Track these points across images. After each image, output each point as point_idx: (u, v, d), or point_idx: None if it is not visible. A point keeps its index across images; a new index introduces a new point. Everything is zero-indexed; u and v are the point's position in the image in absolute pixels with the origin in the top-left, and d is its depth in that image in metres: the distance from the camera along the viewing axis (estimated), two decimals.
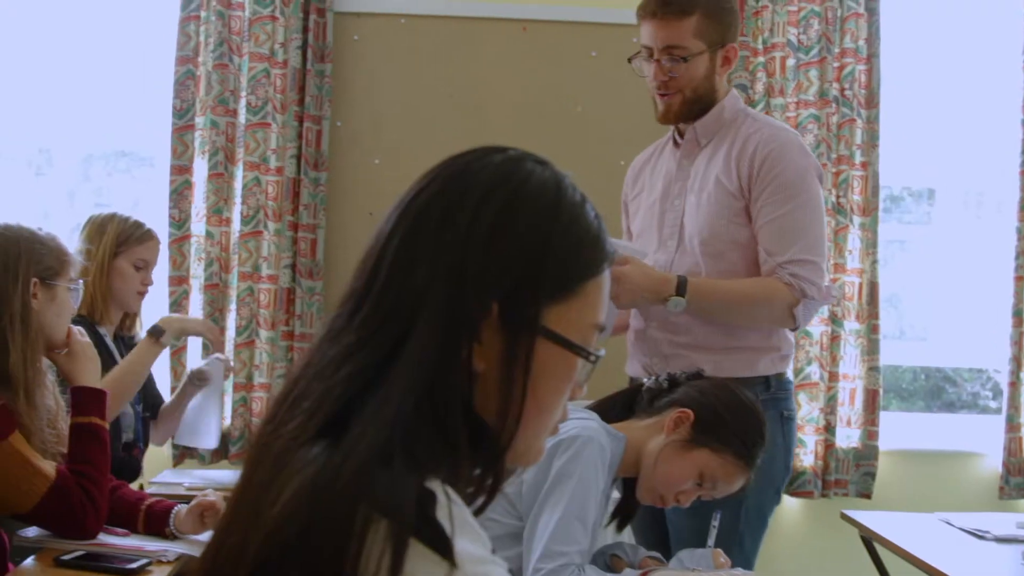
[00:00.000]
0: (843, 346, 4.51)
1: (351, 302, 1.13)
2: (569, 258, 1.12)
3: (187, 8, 4.43)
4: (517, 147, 1.19)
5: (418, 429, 1.04)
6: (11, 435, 2.45)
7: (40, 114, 4.78)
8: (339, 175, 4.51)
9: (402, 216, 1.13)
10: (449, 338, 1.07)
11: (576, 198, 1.15)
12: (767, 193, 2.76)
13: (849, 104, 4.50)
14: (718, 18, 2.81)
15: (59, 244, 2.67)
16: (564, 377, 1.13)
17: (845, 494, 4.53)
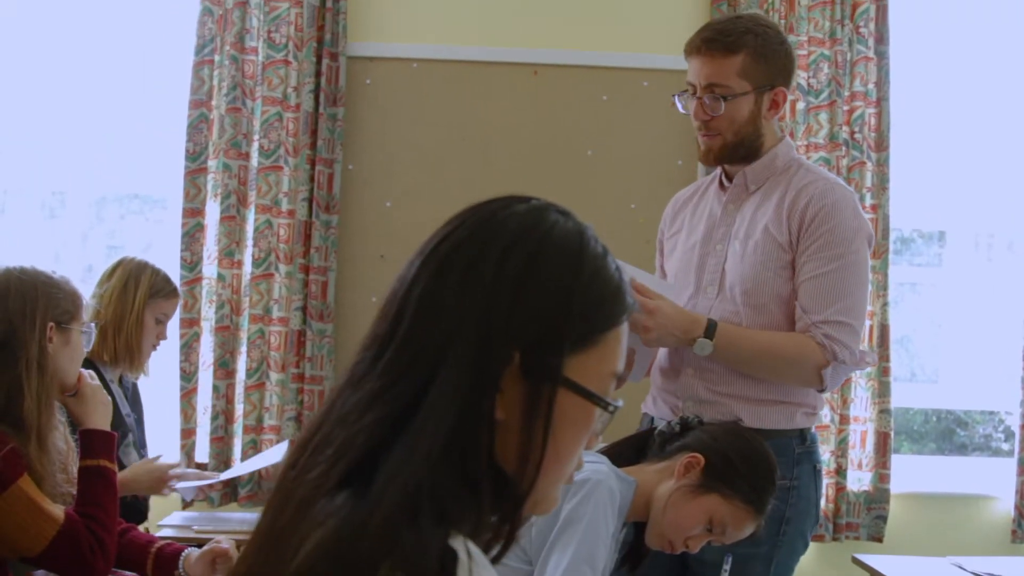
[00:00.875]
0: (854, 388, 4.50)
1: (374, 347, 1.13)
2: (591, 310, 1.12)
3: (201, 52, 4.47)
4: (537, 195, 1.20)
5: (443, 480, 1.04)
6: (19, 479, 2.45)
7: (54, 157, 4.81)
8: (350, 218, 4.53)
9: (425, 262, 1.13)
10: (473, 388, 1.07)
11: (599, 250, 1.15)
12: (814, 248, 2.66)
13: (859, 147, 4.51)
14: (767, 59, 2.71)
15: (73, 287, 2.67)
16: (582, 426, 1.14)
17: (856, 537, 4.50)
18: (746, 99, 2.70)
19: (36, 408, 2.50)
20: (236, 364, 4.46)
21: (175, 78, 4.63)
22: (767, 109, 2.75)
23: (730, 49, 2.68)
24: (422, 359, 1.08)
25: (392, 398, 1.08)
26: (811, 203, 2.68)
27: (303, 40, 4.46)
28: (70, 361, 2.62)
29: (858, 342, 2.70)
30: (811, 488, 2.77)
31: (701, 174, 4.50)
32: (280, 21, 4.48)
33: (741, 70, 2.69)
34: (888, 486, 4.50)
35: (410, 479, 1.02)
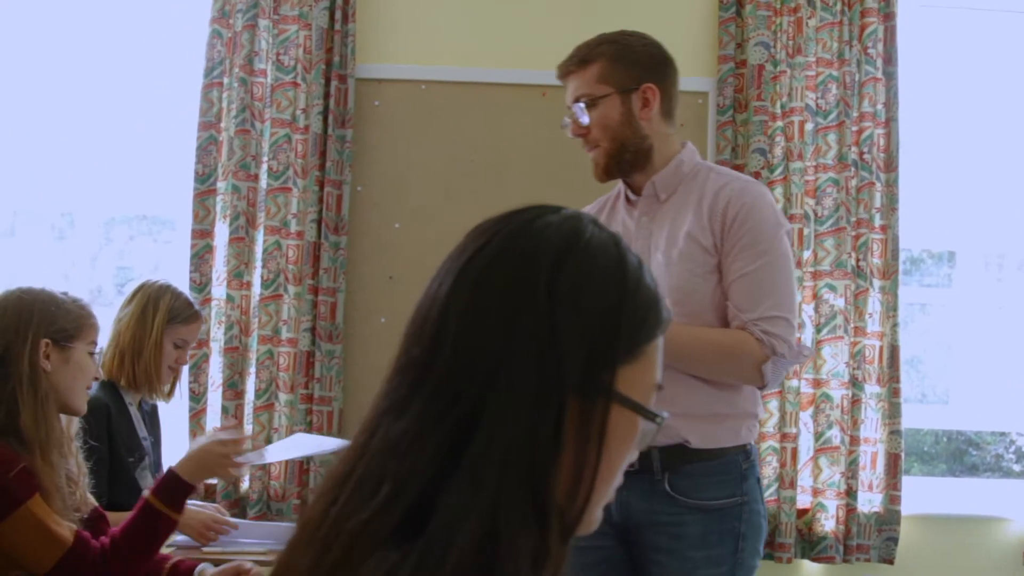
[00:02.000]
0: (864, 409, 4.48)
1: (412, 371, 1.08)
2: (638, 321, 1.10)
3: (210, 75, 4.48)
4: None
5: (514, 515, 1.00)
6: (30, 500, 2.45)
7: (63, 178, 4.83)
8: (359, 239, 4.53)
9: (459, 279, 1.09)
10: (535, 411, 1.03)
11: (635, 260, 1.13)
12: (739, 247, 2.66)
13: (868, 167, 4.51)
14: (626, 61, 2.75)
15: (81, 308, 2.68)
16: (629, 440, 1.11)
17: (867, 559, 4.48)
18: (610, 102, 2.73)
19: (34, 423, 2.51)
20: (245, 385, 4.46)
21: (184, 100, 4.65)
22: (639, 109, 2.75)
23: (584, 61, 2.75)
24: (471, 383, 1.04)
25: (443, 427, 1.03)
26: (730, 204, 2.68)
27: (312, 62, 4.47)
28: (71, 379, 2.62)
29: (794, 335, 2.70)
30: (759, 502, 2.78)
31: None
32: (289, 43, 4.49)
33: (598, 76, 2.73)
34: (899, 508, 4.48)
35: (481, 518, 0.98)
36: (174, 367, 3.59)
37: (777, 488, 4.44)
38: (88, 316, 2.69)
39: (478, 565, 0.97)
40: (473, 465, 1.01)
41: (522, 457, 1.01)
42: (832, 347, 4.47)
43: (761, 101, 4.49)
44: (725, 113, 4.54)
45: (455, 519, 0.99)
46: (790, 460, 4.43)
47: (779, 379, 2.77)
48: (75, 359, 2.63)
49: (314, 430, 4.40)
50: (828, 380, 4.47)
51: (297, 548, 1.09)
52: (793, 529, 4.43)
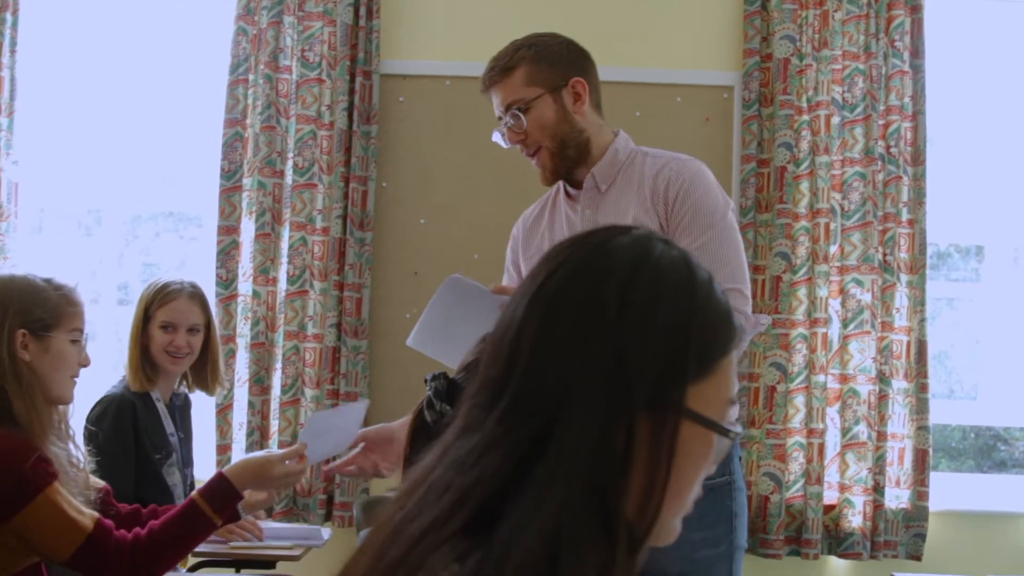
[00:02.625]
0: (891, 405, 4.46)
1: (488, 391, 1.10)
2: (709, 337, 1.11)
3: (235, 72, 4.50)
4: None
5: (581, 525, 1.01)
6: (47, 488, 2.45)
7: (90, 176, 4.86)
8: (384, 235, 4.54)
9: (534, 302, 1.10)
10: (605, 428, 1.04)
11: (705, 276, 1.14)
12: (684, 224, 2.66)
13: (895, 161, 4.48)
14: (547, 61, 2.74)
15: (63, 296, 2.63)
16: (703, 456, 1.12)
17: (895, 556, 4.45)
18: (543, 101, 2.72)
19: (26, 412, 2.50)
20: (271, 380, 4.48)
21: (210, 97, 4.67)
22: (572, 104, 2.75)
23: (507, 69, 2.73)
24: (544, 402, 1.05)
25: (512, 443, 1.05)
26: (670, 184, 2.68)
27: (336, 58, 4.48)
28: (52, 369, 2.58)
29: (749, 305, 2.68)
30: (742, 480, 2.78)
31: (735, 191, 4.49)
32: (313, 40, 4.51)
33: (525, 80, 2.72)
34: (927, 504, 4.45)
35: (544, 526, 1.00)
36: (171, 350, 3.54)
37: (804, 484, 4.42)
38: (68, 304, 2.64)
39: (540, 571, 0.98)
40: (541, 478, 1.03)
41: (590, 472, 1.03)
42: (859, 342, 4.45)
43: (787, 95, 4.47)
44: (750, 107, 4.52)
45: (519, 526, 1.00)
46: (816, 456, 4.42)
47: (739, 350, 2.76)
48: (54, 348, 2.58)
49: None
50: (855, 375, 4.45)
51: (361, 551, 1.12)
52: (820, 525, 4.42)
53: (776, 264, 4.47)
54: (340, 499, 4.43)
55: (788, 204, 4.47)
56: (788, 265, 4.45)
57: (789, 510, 4.44)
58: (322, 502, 4.44)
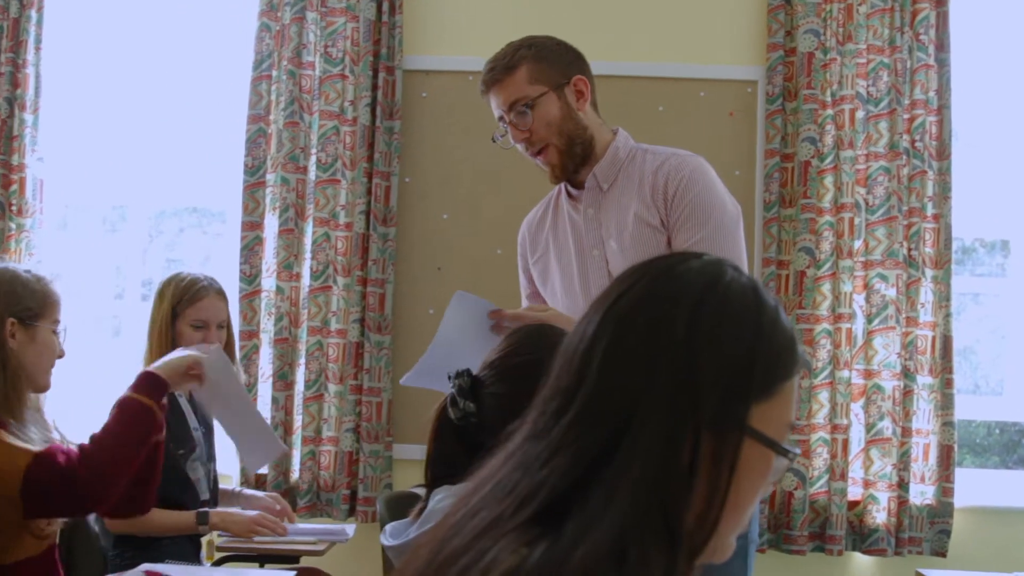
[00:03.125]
0: (916, 401, 4.44)
1: (556, 401, 1.14)
2: (773, 360, 1.15)
3: (259, 68, 4.52)
4: None
5: (647, 530, 1.05)
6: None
7: (114, 172, 4.88)
8: (408, 230, 4.55)
9: (605, 318, 1.15)
10: (669, 440, 1.08)
11: (772, 302, 1.18)
12: (683, 219, 2.66)
13: (920, 156, 4.46)
14: (548, 60, 2.75)
15: (45, 287, 2.67)
16: (762, 475, 1.16)
17: (919, 552, 4.43)
18: (548, 99, 2.72)
19: (4, 399, 2.52)
20: (295, 376, 4.50)
21: (233, 93, 4.68)
22: (575, 101, 2.76)
23: (509, 68, 2.73)
24: (611, 412, 1.10)
25: (579, 449, 1.09)
26: (670, 179, 2.68)
27: (359, 54, 4.49)
28: (37, 357, 2.62)
29: None
30: None
31: (759, 186, 4.48)
32: (336, 36, 4.52)
33: (528, 78, 2.72)
34: (952, 500, 4.43)
35: (612, 525, 1.03)
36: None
37: (828, 480, 4.41)
38: (51, 294, 2.68)
39: (607, 565, 1.02)
40: (608, 482, 1.07)
41: (655, 480, 1.07)
42: (884, 337, 4.43)
43: (811, 89, 4.45)
44: (774, 102, 4.51)
45: (587, 522, 1.04)
46: (841, 451, 4.40)
47: None
48: (40, 337, 2.63)
49: (363, 420, 4.43)
50: (880, 371, 4.43)
51: (420, 547, 1.16)
52: (844, 521, 4.40)
53: (800, 259, 4.45)
54: (363, 494, 4.43)
55: (812, 199, 4.45)
56: (812, 260, 4.44)
57: (813, 506, 4.43)
58: (345, 497, 4.46)
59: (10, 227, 4.55)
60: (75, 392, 2.82)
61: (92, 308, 4.90)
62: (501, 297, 4.49)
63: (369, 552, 4.04)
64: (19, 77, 4.59)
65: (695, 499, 1.10)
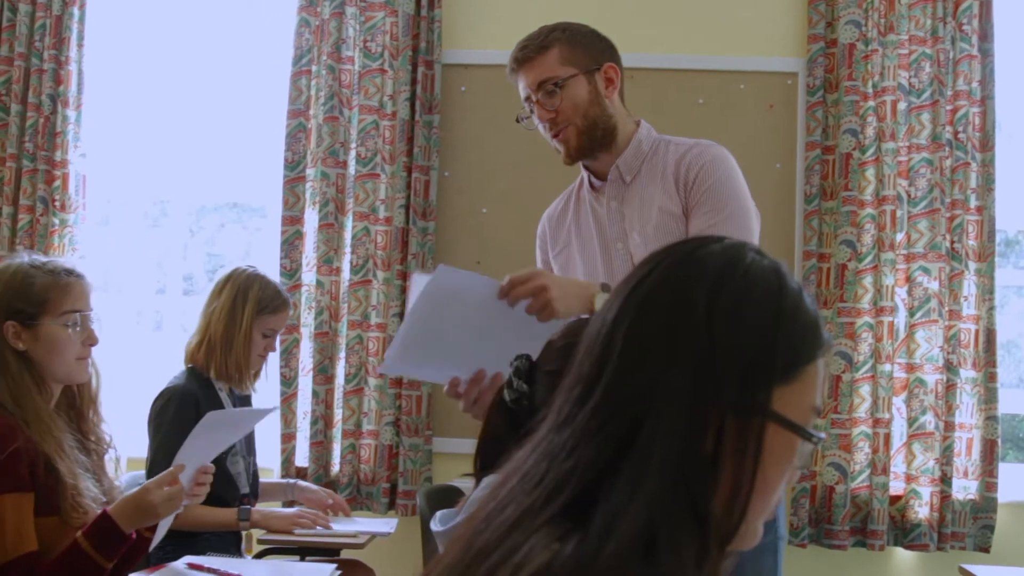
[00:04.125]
0: (959, 395, 4.40)
1: (579, 387, 1.14)
2: (796, 343, 1.14)
3: (299, 63, 4.54)
4: None
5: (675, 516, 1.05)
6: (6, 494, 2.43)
7: (155, 168, 4.91)
8: (447, 224, 4.56)
9: (626, 303, 1.15)
10: (692, 425, 1.08)
11: (795, 285, 1.17)
12: (699, 205, 2.62)
13: (963, 147, 4.42)
14: (582, 44, 2.73)
15: (52, 281, 2.63)
16: (787, 459, 1.15)
17: (962, 547, 4.40)
18: (578, 81, 2.69)
19: (13, 401, 2.52)
20: (335, 369, 4.51)
21: (273, 89, 4.70)
22: (604, 88, 2.73)
23: (543, 47, 2.70)
24: (634, 397, 1.09)
25: (604, 437, 1.09)
26: (690, 167, 2.65)
27: (398, 49, 4.50)
28: (47, 354, 2.59)
29: None
30: None
31: (800, 179, 4.45)
32: (376, 30, 4.53)
33: (560, 59, 2.69)
34: (995, 495, 4.39)
35: (639, 516, 1.03)
36: (263, 355, 3.60)
37: (869, 474, 4.38)
38: (53, 288, 2.63)
39: (638, 557, 1.01)
40: (633, 470, 1.06)
41: (678, 468, 1.06)
42: (926, 331, 4.39)
43: (852, 81, 4.42)
44: (815, 94, 4.48)
45: (615, 514, 1.04)
46: (883, 446, 4.37)
47: None
48: (44, 336, 2.60)
49: (403, 414, 4.44)
50: (922, 364, 4.40)
51: (452, 542, 1.17)
52: (886, 516, 4.37)
53: (841, 252, 4.42)
54: (403, 488, 4.45)
55: (853, 191, 4.42)
56: (853, 253, 4.40)
57: (854, 501, 4.40)
58: (385, 491, 4.47)
59: (53, 223, 4.60)
60: (117, 386, 2.81)
61: (134, 303, 4.94)
62: None
63: (409, 545, 4.05)
64: (62, 74, 4.63)
65: (722, 485, 1.09)
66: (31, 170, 4.63)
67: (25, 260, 2.66)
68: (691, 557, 1.05)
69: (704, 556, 1.07)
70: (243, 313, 3.50)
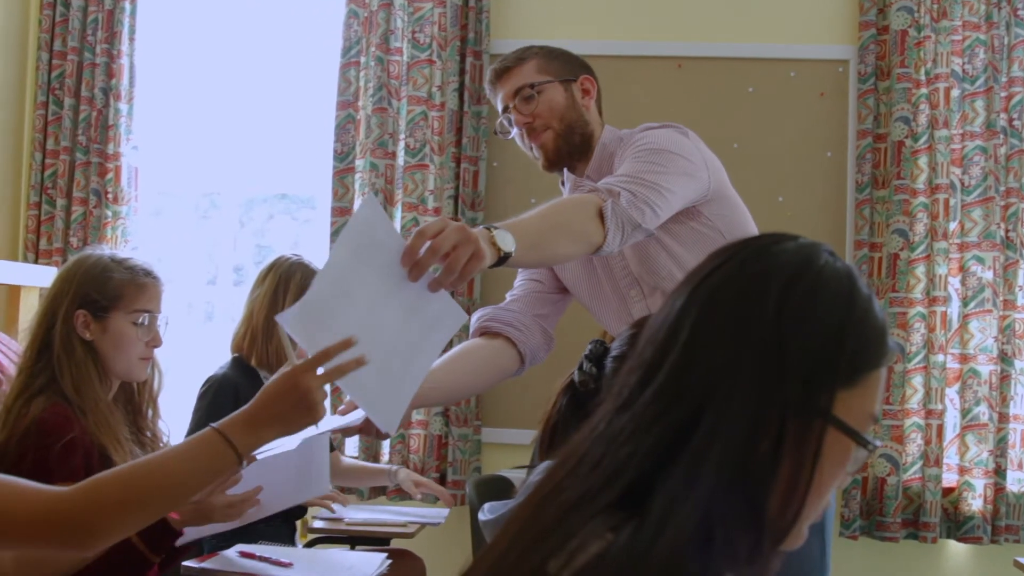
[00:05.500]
0: (1014, 386, 4.35)
1: (641, 371, 1.14)
2: (862, 347, 1.13)
3: (347, 54, 4.56)
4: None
5: (732, 511, 1.05)
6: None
7: (206, 160, 4.95)
8: (496, 215, 4.55)
9: (695, 292, 1.15)
10: (757, 419, 1.07)
11: (866, 289, 1.17)
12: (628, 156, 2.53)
13: (1018, 135, 4.36)
14: (558, 58, 2.73)
15: (130, 277, 2.65)
16: (842, 464, 1.14)
17: (1016, 541, 4.34)
18: (553, 87, 2.68)
19: (74, 390, 2.53)
20: None
21: (322, 80, 4.72)
22: (581, 97, 2.72)
23: (520, 59, 2.70)
24: (695, 387, 1.09)
25: (664, 425, 1.08)
26: (635, 139, 2.57)
27: (447, 39, 4.51)
28: (112, 348, 2.60)
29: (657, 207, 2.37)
30: None
31: (851, 168, 4.42)
32: (424, 21, 4.53)
33: (537, 69, 2.68)
34: None
35: (696, 508, 1.03)
36: None
37: (922, 466, 4.34)
38: (133, 285, 2.64)
39: (692, 551, 1.01)
40: (691, 461, 1.06)
41: (738, 463, 1.06)
42: (980, 321, 4.34)
43: (904, 68, 4.37)
44: (867, 81, 4.43)
45: (671, 505, 1.04)
46: (935, 437, 4.32)
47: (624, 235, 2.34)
48: (112, 329, 2.61)
49: (452, 405, 4.45)
50: (976, 355, 4.35)
51: (509, 523, 1.16)
52: (938, 508, 4.33)
53: (893, 241, 4.38)
54: (453, 477, 4.46)
55: (906, 180, 4.37)
56: (906, 242, 4.36)
57: (907, 492, 4.36)
58: (435, 480, 4.48)
59: (106, 215, 4.65)
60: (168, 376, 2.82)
61: (185, 294, 4.98)
62: None
63: (459, 534, 4.06)
64: (114, 68, 4.68)
65: (779, 486, 1.08)
66: (84, 163, 4.69)
67: (106, 253, 2.68)
68: (745, 554, 1.05)
69: (757, 553, 1.07)
70: (284, 301, 3.49)
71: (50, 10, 4.77)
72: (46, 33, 4.78)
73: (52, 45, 4.78)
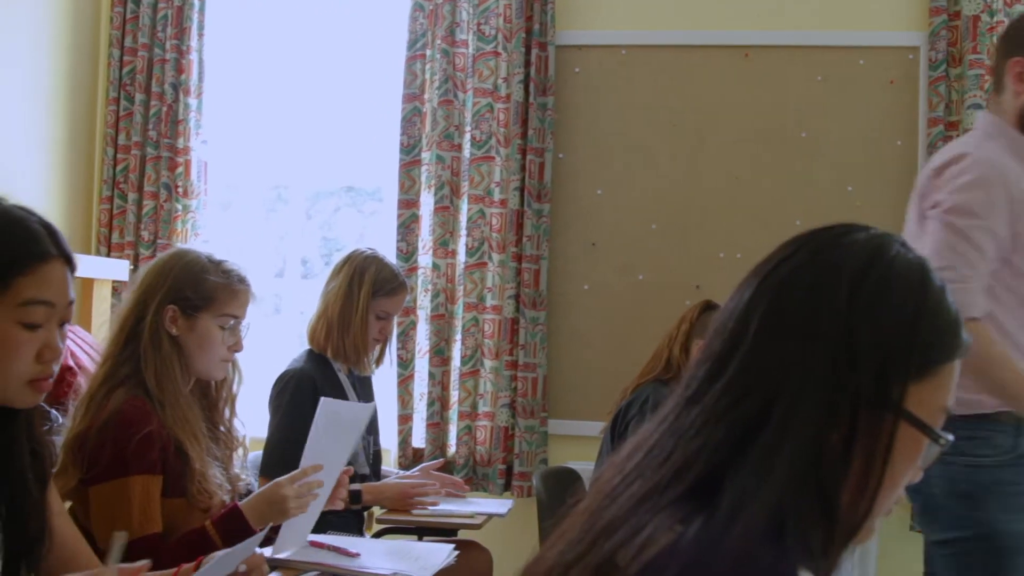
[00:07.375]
0: None
1: (710, 363, 1.13)
2: (934, 340, 1.12)
3: (413, 47, 4.57)
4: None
5: (804, 504, 1.04)
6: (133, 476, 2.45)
7: (273, 153, 5.00)
8: (562, 206, 4.55)
9: (764, 283, 1.14)
10: (826, 413, 1.06)
11: (939, 282, 1.15)
12: None
13: None
14: None
15: (224, 282, 2.67)
16: (913, 458, 1.13)
17: None
18: None
19: (156, 382, 2.56)
20: (451, 351, 4.55)
21: (388, 73, 4.74)
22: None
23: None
24: (766, 379, 1.08)
25: (734, 417, 1.08)
26: None
27: (512, 31, 4.50)
28: (196, 347, 2.63)
29: None
30: None
31: (922, 156, 4.35)
32: (489, 13, 4.53)
33: None
34: None
35: (768, 500, 1.02)
36: (378, 338, 3.62)
37: None
38: (225, 290, 2.66)
39: (764, 543, 1.00)
40: (762, 455, 1.05)
41: (810, 456, 1.05)
42: None
43: (977, 54, 4.29)
44: (937, 68, 4.36)
45: (743, 497, 1.03)
46: None
47: None
48: (199, 329, 2.64)
49: (519, 396, 4.46)
50: None
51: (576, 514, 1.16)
52: None
53: None
54: (519, 469, 4.47)
55: None
56: None
57: None
58: (501, 472, 4.49)
59: (176, 208, 4.71)
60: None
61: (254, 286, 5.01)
62: (656, 271, 4.46)
63: (525, 526, 4.06)
64: (183, 63, 4.74)
65: (851, 480, 1.07)
66: (155, 157, 4.75)
67: (204, 253, 2.71)
68: (817, 547, 1.04)
69: (828, 547, 1.06)
70: (359, 294, 3.54)
71: (121, 7, 4.84)
72: (117, 30, 4.85)
73: (123, 42, 4.84)
